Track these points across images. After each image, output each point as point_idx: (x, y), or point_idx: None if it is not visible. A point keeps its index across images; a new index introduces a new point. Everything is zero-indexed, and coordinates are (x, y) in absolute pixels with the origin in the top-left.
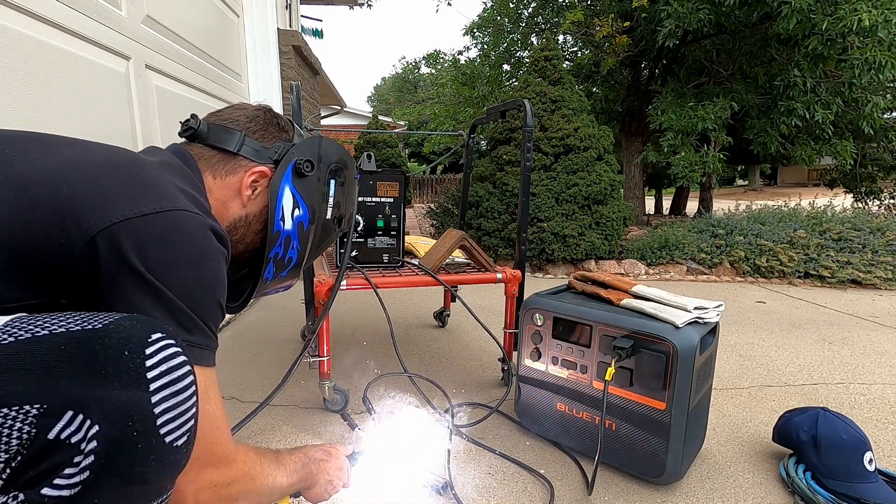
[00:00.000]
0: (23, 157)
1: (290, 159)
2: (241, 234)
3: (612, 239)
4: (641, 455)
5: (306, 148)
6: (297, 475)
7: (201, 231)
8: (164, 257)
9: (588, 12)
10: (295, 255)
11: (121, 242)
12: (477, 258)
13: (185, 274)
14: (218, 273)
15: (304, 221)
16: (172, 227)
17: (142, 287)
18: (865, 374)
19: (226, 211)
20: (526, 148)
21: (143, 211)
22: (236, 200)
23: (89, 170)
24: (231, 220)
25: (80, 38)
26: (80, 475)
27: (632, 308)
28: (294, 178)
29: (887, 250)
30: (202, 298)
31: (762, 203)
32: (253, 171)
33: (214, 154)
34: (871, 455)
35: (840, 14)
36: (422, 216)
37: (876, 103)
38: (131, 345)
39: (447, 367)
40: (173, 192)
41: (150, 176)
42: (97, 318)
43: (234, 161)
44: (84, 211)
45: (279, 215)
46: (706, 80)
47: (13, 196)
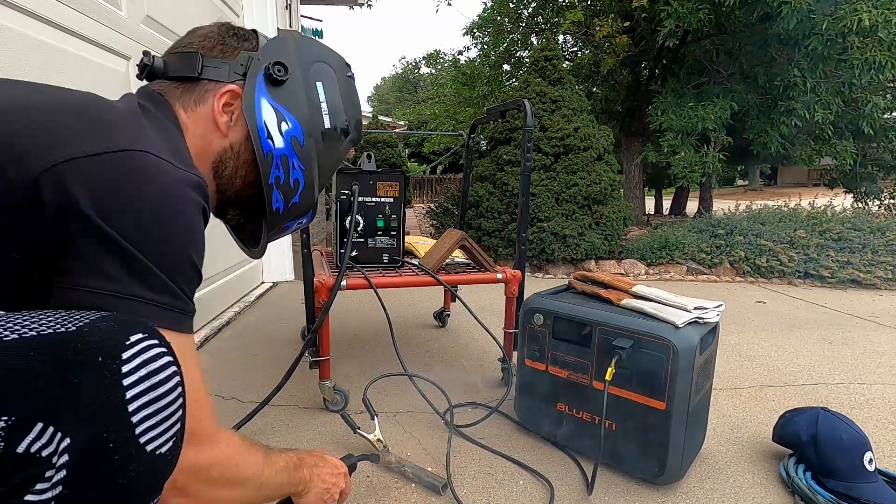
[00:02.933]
0: None
1: (257, 68)
2: (232, 169)
3: (612, 239)
4: (641, 455)
5: (274, 50)
6: (286, 476)
7: (168, 177)
8: (122, 204)
9: (588, 12)
10: (301, 176)
11: (69, 185)
12: (477, 258)
13: (148, 224)
14: (190, 226)
15: (298, 135)
16: (132, 170)
17: (95, 238)
18: (865, 374)
19: (208, 146)
20: (526, 148)
21: (96, 150)
22: (215, 132)
23: (38, 106)
24: (216, 155)
25: (81, 38)
26: (53, 490)
27: (632, 308)
28: (269, 88)
29: (887, 250)
30: (170, 254)
31: (762, 203)
32: (220, 92)
33: (178, 86)
34: (871, 455)
35: (840, 14)
36: (422, 216)
37: (876, 103)
38: (106, 349)
39: (447, 367)
40: (135, 132)
41: (108, 115)
42: (72, 318)
43: (200, 87)
44: (26, 149)
45: (264, 134)
46: (706, 80)
47: None
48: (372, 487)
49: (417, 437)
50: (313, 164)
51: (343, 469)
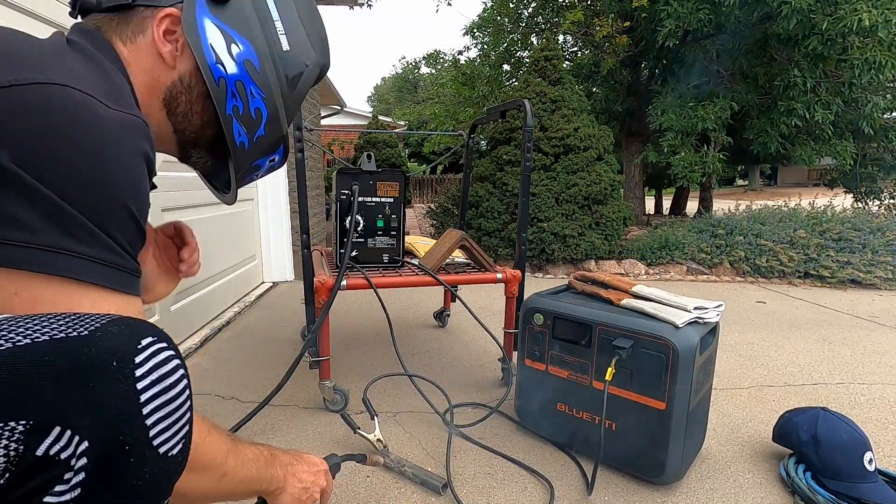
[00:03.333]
0: None
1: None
2: (185, 104)
3: (612, 239)
4: (641, 455)
5: None
6: (255, 469)
7: (95, 116)
8: (36, 142)
9: (588, 12)
10: (262, 105)
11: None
12: (477, 258)
13: (71, 168)
14: (125, 172)
15: (252, 59)
16: (50, 105)
17: (17, 193)
18: (865, 374)
19: (155, 81)
20: (526, 148)
21: (1, 82)
22: (160, 64)
23: None
24: (166, 91)
25: None
26: (71, 492)
27: (632, 308)
28: (212, 7)
29: (887, 250)
30: (101, 202)
31: (762, 203)
32: (158, 18)
33: (113, 18)
34: (871, 455)
35: (840, 14)
36: (422, 216)
37: (876, 103)
38: (119, 354)
39: (447, 367)
40: (55, 65)
41: (24, 46)
42: (82, 321)
43: (137, 16)
44: None
45: (212, 59)
46: (706, 80)
47: None
48: (372, 487)
49: (417, 437)
50: (276, 91)
51: (323, 467)
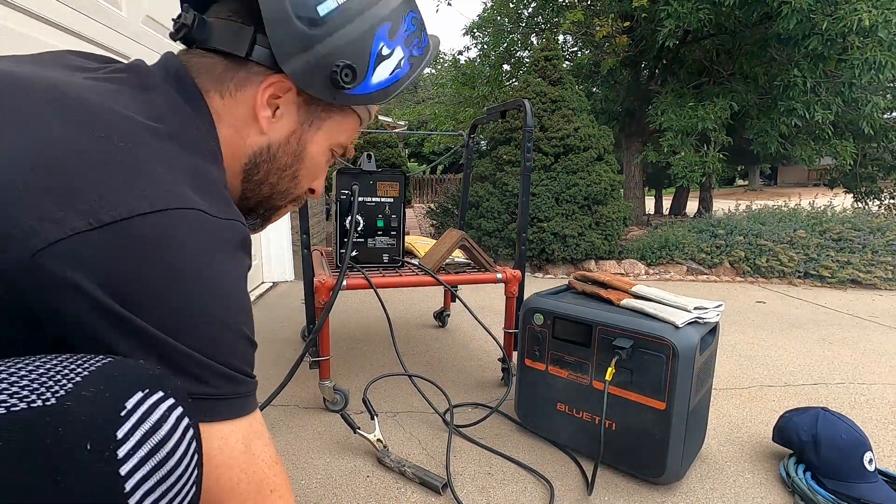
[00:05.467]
0: None
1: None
2: (264, 174)
3: (612, 239)
4: (641, 455)
5: (350, 43)
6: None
7: (204, 238)
8: (147, 287)
9: (588, 12)
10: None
11: (73, 269)
12: (477, 258)
13: (186, 306)
14: (237, 295)
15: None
16: (156, 240)
17: (121, 331)
18: (865, 374)
19: (242, 143)
20: (526, 148)
21: (103, 220)
22: (252, 126)
23: (27, 140)
24: (251, 156)
25: (80, 38)
26: None
27: (632, 308)
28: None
29: (887, 250)
30: (219, 335)
31: (762, 203)
32: (267, 82)
33: (218, 62)
34: (871, 455)
35: (840, 14)
36: (422, 216)
37: (876, 103)
38: (94, 431)
39: (447, 367)
40: (158, 174)
41: (118, 148)
42: (51, 379)
43: (245, 70)
44: (16, 222)
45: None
46: (706, 80)
47: None
48: (372, 487)
49: (417, 437)
50: None
51: None
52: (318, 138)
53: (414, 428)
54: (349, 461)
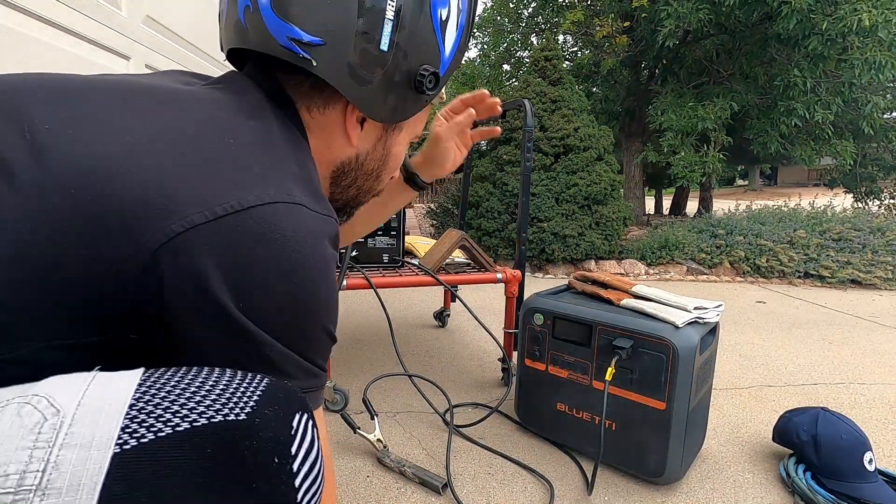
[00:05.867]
0: (65, 137)
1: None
2: (351, 179)
3: (612, 239)
4: (641, 455)
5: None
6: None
7: (305, 233)
8: (256, 281)
9: (588, 12)
10: None
11: (190, 263)
12: (477, 258)
13: (284, 302)
14: (329, 292)
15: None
16: (259, 233)
17: (229, 329)
18: (865, 374)
19: (330, 153)
20: (526, 148)
21: (217, 212)
22: (342, 138)
23: (144, 141)
24: (339, 165)
25: (80, 38)
26: None
27: (632, 308)
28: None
29: (887, 250)
30: (308, 331)
31: (762, 203)
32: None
33: (304, 80)
34: (871, 455)
35: (840, 14)
36: (422, 216)
37: (876, 103)
38: (279, 447)
39: (447, 367)
40: (266, 170)
41: (227, 148)
42: (238, 394)
43: (331, 89)
44: (137, 218)
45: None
46: (706, 80)
47: (52, 201)
48: (372, 487)
49: (417, 437)
50: None
51: None
52: (401, 138)
53: (414, 428)
54: (349, 461)
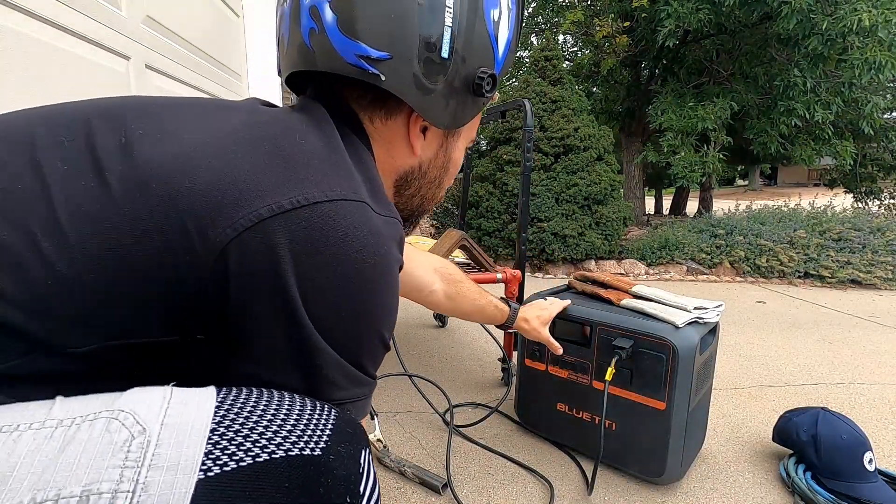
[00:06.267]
0: (150, 138)
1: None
2: (414, 188)
3: (612, 239)
4: (641, 455)
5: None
6: None
7: (371, 233)
8: (317, 276)
9: (588, 12)
10: None
11: (257, 255)
12: (477, 258)
13: (343, 301)
14: (389, 294)
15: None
16: (323, 228)
17: (293, 336)
18: (865, 374)
19: (393, 163)
20: (526, 148)
21: (284, 206)
22: (405, 149)
23: (219, 144)
24: (402, 174)
25: (80, 38)
26: None
27: (632, 308)
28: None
29: (887, 250)
30: (363, 334)
31: (762, 203)
32: (416, 113)
33: (367, 93)
34: (871, 455)
35: (840, 14)
36: None
37: (876, 103)
38: (350, 486)
39: (447, 367)
40: (334, 172)
41: (295, 148)
42: (311, 426)
43: (393, 100)
44: (210, 210)
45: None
46: (706, 80)
47: (135, 196)
48: None
49: (417, 437)
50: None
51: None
52: (459, 144)
53: (414, 428)
54: None
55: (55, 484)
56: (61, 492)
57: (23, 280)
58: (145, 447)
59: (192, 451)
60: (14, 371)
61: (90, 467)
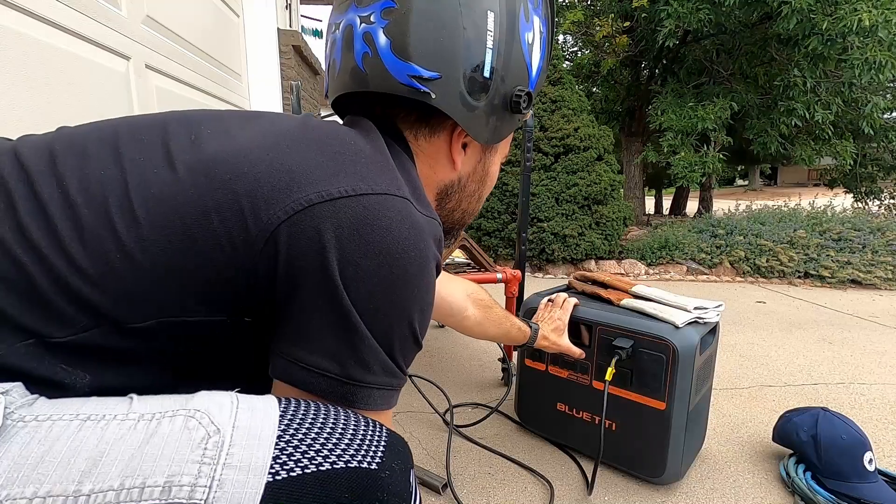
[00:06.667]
0: (217, 136)
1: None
2: (455, 202)
3: (612, 239)
4: (641, 455)
5: (518, 73)
6: None
7: (413, 227)
8: (362, 264)
9: (588, 12)
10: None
11: (307, 237)
12: (477, 258)
13: (384, 291)
14: (425, 290)
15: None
16: (367, 219)
17: (332, 303)
18: (865, 374)
19: (435, 177)
20: (526, 148)
21: (332, 194)
22: (447, 164)
23: (276, 141)
24: (442, 188)
25: (80, 38)
26: None
27: (632, 308)
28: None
29: (887, 250)
30: (398, 328)
31: (762, 203)
32: (459, 130)
33: (412, 112)
34: (871, 455)
35: (840, 14)
36: None
37: (876, 103)
38: (402, 503)
39: (447, 367)
40: (380, 168)
41: (344, 148)
42: (367, 440)
43: (437, 117)
44: (265, 194)
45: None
46: (706, 80)
47: (194, 181)
48: None
49: (417, 437)
50: None
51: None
52: (496, 159)
53: (414, 428)
54: None
55: (141, 472)
56: (146, 480)
57: (97, 255)
58: (220, 447)
59: (262, 454)
60: (79, 341)
61: (172, 460)
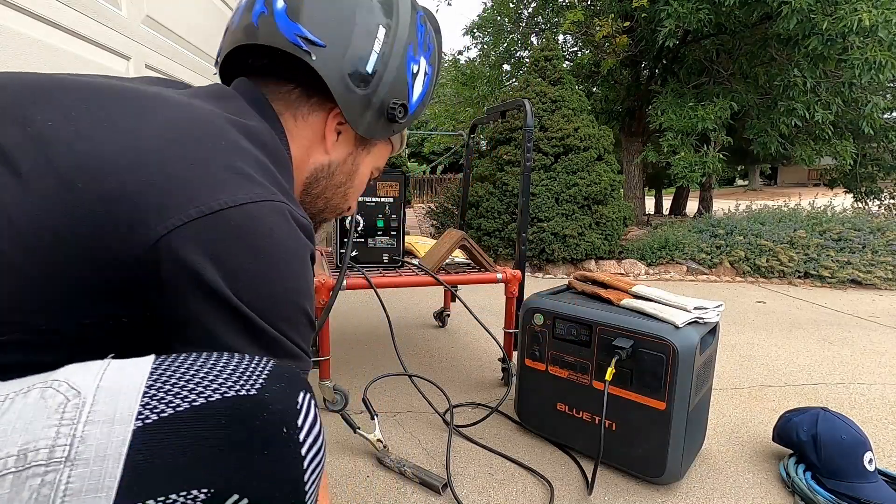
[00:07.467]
0: (67, 133)
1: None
2: (321, 188)
3: (612, 239)
4: (641, 455)
5: (400, 81)
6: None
7: (285, 225)
8: (245, 269)
9: (588, 12)
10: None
11: (185, 252)
12: (477, 258)
13: (272, 288)
14: (307, 280)
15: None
16: (250, 227)
17: (222, 312)
18: (865, 374)
19: (307, 158)
20: (526, 148)
21: (212, 207)
22: (319, 146)
23: (144, 147)
24: (313, 171)
25: (80, 38)
26: None
27: (632, 308)
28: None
29: (887, 250)
30: (290, 315)
31: (762, 203)
32: (336, 111)
33: (293, 90)
34: (871, 455)
35: (840, 14)
36: (422, 216)
37: (876, 103)
38: (287, 418)
39: (447, 367)
40: (247, 171)
41: (220, 151)
42: (244, 374)
43: (317, 96)
44: (139, 213)
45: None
46: (706, 80)
47: (57, 193)
48: (371, 487)
49: (417, 437)
50: None
51: None
52: (368, 160)
53: (414, 428)
54: (349, 461)
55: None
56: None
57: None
58: (80, 407)
59: (127, 405)
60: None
61: (25, 431)
